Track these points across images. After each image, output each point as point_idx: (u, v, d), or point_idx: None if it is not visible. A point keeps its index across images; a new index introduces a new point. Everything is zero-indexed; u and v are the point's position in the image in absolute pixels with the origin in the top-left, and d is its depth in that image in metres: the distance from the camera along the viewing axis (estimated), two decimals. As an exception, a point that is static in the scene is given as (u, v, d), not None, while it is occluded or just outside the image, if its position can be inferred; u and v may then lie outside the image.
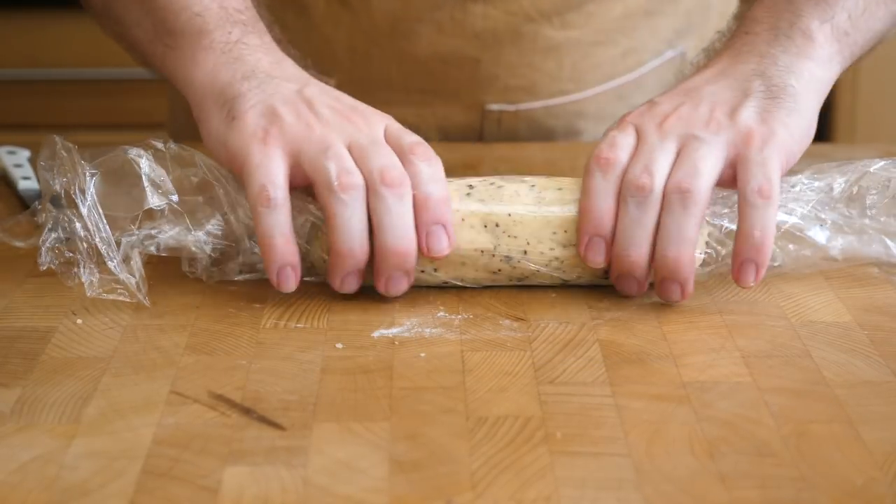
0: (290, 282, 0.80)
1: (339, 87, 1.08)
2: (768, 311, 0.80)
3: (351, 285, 0.81)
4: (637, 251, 0.80)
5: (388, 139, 0.82)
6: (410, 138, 0.82)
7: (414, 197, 0.80)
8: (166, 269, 0.86)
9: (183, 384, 0.71)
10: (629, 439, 0.65)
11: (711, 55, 0.90)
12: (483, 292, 0.83)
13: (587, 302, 0.81)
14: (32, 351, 0.75)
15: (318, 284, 0.84)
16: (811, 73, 0.86)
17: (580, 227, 0.81)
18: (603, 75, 1.12)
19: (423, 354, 0.75)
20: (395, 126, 0.84)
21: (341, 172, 0.79)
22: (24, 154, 1.06)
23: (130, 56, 0.96)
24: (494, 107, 1.03)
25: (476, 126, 1.12)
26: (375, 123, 0.83)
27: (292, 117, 0.82)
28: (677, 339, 0.77)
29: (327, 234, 0.80)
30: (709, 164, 0.80)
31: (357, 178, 0.79)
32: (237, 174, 0.82)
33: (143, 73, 1.01)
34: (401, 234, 0.79)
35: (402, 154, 0.81)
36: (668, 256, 0.79)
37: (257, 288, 0.83)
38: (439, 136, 1.12)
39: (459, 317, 0.79)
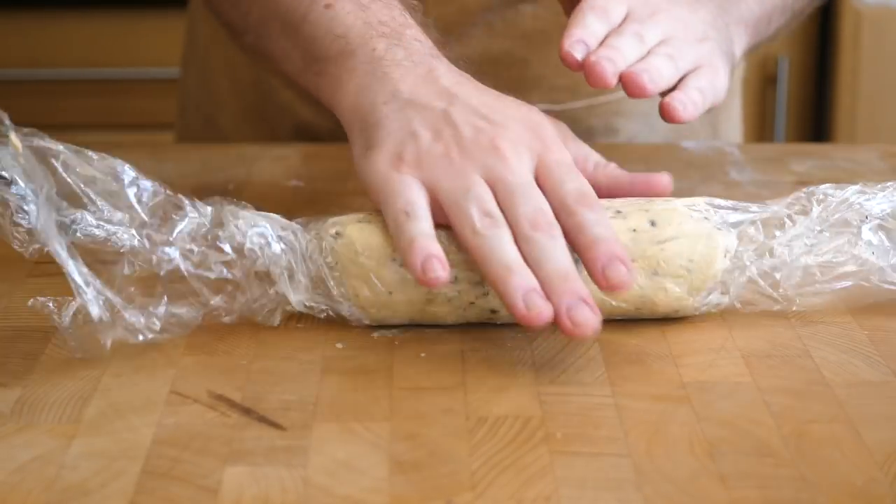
0: (438, 270, 0.72)
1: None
2: (768, 311, 0.80)
3: (537, 303, 0.71)
4: None
5: (542, 179, 0.76)
6: (571, 184, 0.76)
7: (579, 241, 0.73)
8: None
9: (183, 384, 0.71)
10: (629, 439, 0.65)
11: None
12: (483, 292, 0.83)
13: (587, 302, 0.81)
14: (32, 351, 0.75)
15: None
16: (735, 49, 0.91)
17: None
18: None
19: (423, 354, 0.75)
20: (554, 158, 0.77)
21: (483, 216, 0.74)
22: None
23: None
24: (540, 107, 1.03)
25: None
26: (524, 156, 0.77)
27: (429, 142, 0.77)
28: (677, 339, 0.77)
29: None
30: (683, 60, 0.83)
31: (501, 221, 0.74)
32: (378, 206, 0.78)
33: (145, 74, 1.02)
34: (559, 260, 0.72)
35: (561, 204, 0.75)
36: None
37: (257, 288, 0.83)
38: None
39: (459, 317, 0.79)
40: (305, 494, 0.61)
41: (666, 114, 0.80)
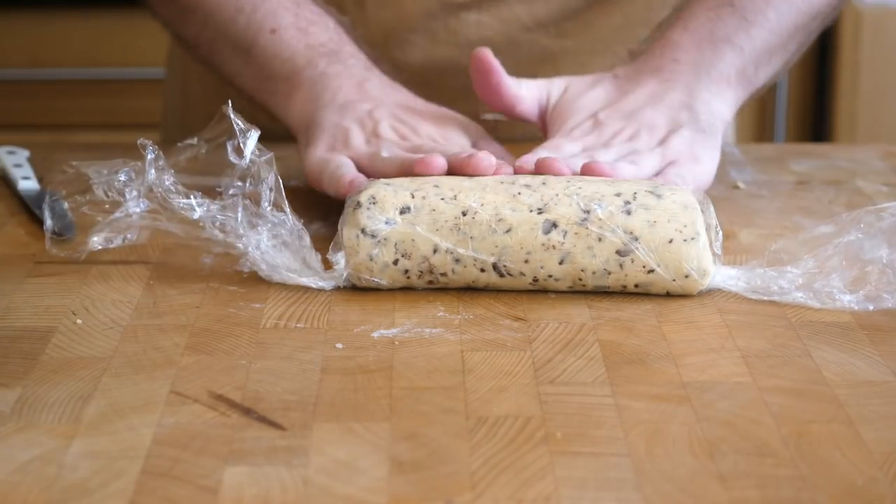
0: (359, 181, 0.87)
1: None
2: (768, 311, 0.80)
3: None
4: None
5: None
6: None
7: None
8: (167, 269, 0.86)
9: (183, 384, 0.71)
10: (629, 439, 0.65)
11: (637, 68, 0.98)
12: (483, 292, 0.83)
13: (587, 302, 0.81)
14: (32, 351, 0.75)
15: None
16: (722, 114, 0.96)
17: None
18: None
19: (422, 354, 0.75)
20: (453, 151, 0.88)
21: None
22: (24, 154, 1.06)
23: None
24: (489, 116, 1.03)
25: None
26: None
27: (358, 133, 0.92)
28: (677, 339, 0.77)
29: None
30: (646, 164, 0.90)
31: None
32: (318, 189, 0.91)
33: (142, 74, 1.03)
34: None
35: None
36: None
37: (257, 288, 0.83)
38: None
39: (459, 317, 0.79)
40: (305, 494, 0.61)
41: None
